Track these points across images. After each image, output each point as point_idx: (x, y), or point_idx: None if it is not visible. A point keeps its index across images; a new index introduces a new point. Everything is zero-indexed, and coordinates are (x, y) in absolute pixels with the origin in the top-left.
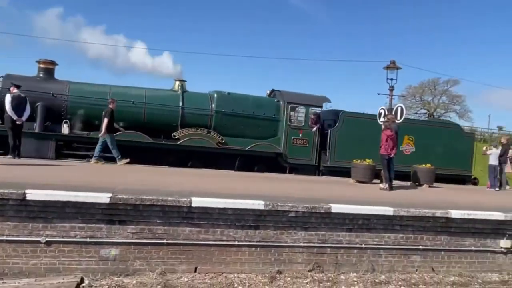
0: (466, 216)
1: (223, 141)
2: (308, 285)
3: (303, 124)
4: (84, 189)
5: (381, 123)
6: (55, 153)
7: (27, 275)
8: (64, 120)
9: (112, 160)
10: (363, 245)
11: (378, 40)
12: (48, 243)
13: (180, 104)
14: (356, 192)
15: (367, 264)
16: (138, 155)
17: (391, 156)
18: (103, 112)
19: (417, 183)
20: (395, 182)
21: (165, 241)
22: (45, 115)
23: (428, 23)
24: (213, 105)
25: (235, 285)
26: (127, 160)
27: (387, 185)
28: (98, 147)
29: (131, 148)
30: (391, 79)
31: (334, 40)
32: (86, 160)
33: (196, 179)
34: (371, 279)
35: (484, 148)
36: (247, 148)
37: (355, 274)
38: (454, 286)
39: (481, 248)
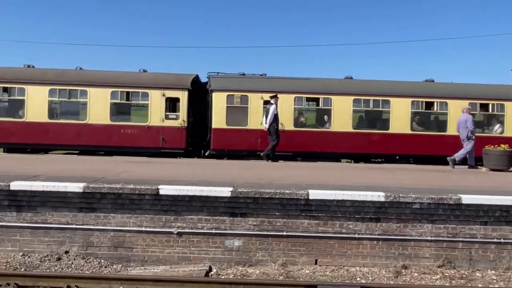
0: None
1: None
2: (438, 282)
3: None
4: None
5: None
6: None
7: (163, 263)
8: None
9: None
10: (502, 240)
11: None
12: (179, 234)
13: None
14: (489, 181)
15: (508, 261)
16: None
17: None
18: None
19: None
20: None
21: (284, 233)
22: None
23: None
24: None
25: (358, 279)
26: None
27: None
28: None
29: None
30: None
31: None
32: None
33: (308, 172)
34: None
35: None
36: None
37: (493, 272)
38: None
39: None
